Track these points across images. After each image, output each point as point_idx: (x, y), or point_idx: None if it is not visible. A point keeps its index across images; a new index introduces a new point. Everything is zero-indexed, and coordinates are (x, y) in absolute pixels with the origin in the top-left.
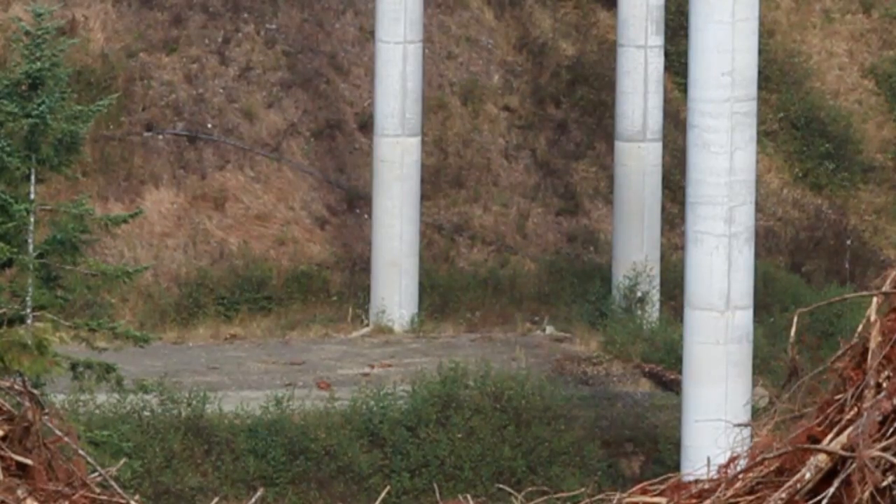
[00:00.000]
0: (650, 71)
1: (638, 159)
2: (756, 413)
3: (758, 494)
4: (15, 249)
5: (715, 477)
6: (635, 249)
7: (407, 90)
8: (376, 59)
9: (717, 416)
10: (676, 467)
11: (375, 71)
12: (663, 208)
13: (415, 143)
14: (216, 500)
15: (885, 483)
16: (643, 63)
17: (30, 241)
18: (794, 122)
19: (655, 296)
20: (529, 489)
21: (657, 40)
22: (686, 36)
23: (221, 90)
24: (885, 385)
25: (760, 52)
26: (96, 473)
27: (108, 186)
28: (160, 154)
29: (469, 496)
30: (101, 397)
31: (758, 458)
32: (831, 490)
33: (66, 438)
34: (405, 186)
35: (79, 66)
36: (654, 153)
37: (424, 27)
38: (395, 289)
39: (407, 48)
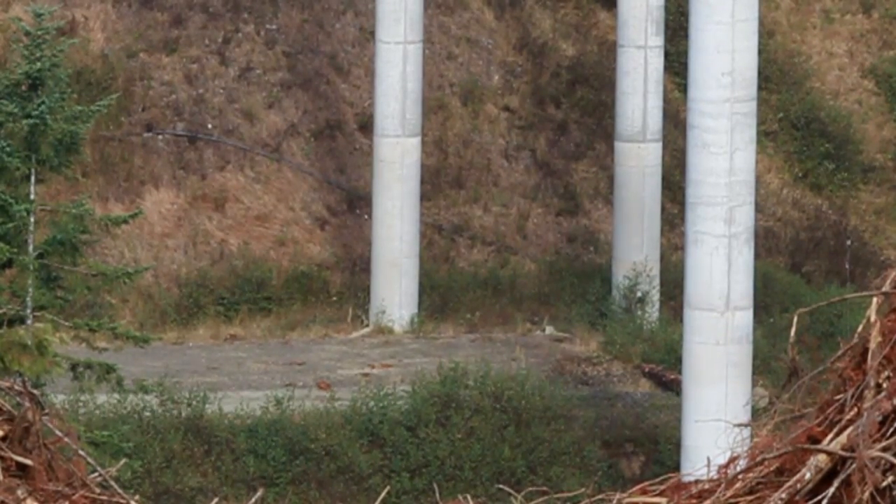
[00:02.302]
0: (650, 71)
1: (638, 159)
2: (756, 413)
3: (758, 495)
4: (15, 249)
5: (715, 477)
6: (635, 249)
7: (407, 91)
8: (376, 59)
9: (717, 417)
10: (676, 467)
11: (375, 71)
12: (663, 208)
13: (415, 143)
14: (216, 500)
15: (885, 483)
16: (643, 63)
17: (30, 241)
18: (794, 123)
19: (655, 296)
20: (529, 489)
21: (657, 41)
22: (686, 36)
23: (221, 90)
24: (885, 385)
25: (760, 52)
26: (96, 473)
27: (108, 187)
28: (160, 154)
29: (469, 496)
30: (101, 397)
31: (758, 459)
32: (831, 490)
33: (66, 439)
34: (405, 187)
35: (79, 66)
36: (653, 153)
37: (425, 27)
38: (395, 289)
39: (407, 48)
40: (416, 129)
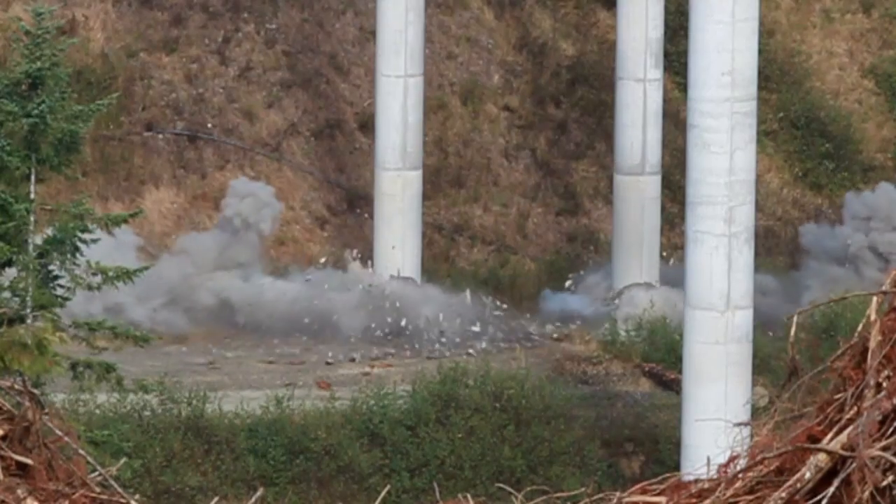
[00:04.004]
0: (649, 104)
1: (637, 192)
2: (756, 413)
3: (758, 494)
4: (15, 249)
5: (715, 477)
6: (634, 279)
7: (408, 123)
8: (377, 92)
9: (717, 416)
10: (676, 467)
11: (376, 104)
12: (663, 208)
13: (415, 176)
14: (216, 499)
15: (885, 483)
16: (642, 97)
17: (30, 241)
18: (794, 122)
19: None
20: (529, 489)
21: (656, 73)
22: (686, 36)
23: (221, 90)
24: (885, 385)
25: (760, 52)
26: (96, 473)
27: (108, 186)
28: (160, 154)
29: (469, 495)
30: (101, 397)
31: (758, 458)
32: (831, 490)
33: (66, 438)
34: (406, 219)
35: (79, 66)
36: (653, 186)
37: (424, 27)
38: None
39: (408, 82)
40: (417, 162)
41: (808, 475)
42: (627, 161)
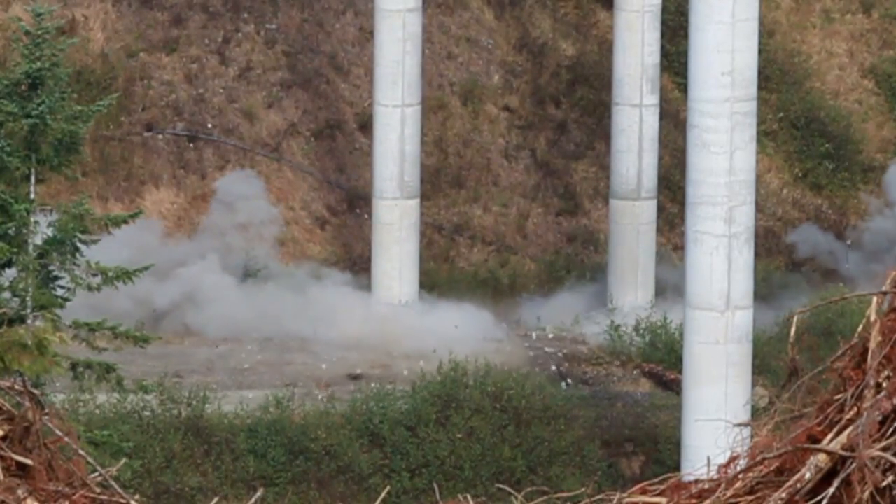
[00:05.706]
0: (645, 129)
1: (632, 217)
2: (756, 413)
3: (758, 494)
4: (15, 249)
5: (715, 477)
6: (628, 304)
7: (405, 153)
8: (375, 122)
9: (717, 416)
10: (676, 467)
11: (374, 134)
12: (663, 208)
13: (413, 205)
14: (216, 500)
15: (885, 483)
16: (638, 122)
17: (30, 241)
18: (794, 122)
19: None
20: (529, 489)
21: (652, 99)
22: (686, 36)
23: (221, 90)
24: (885, 385)
25: (760, 52)
26: (96, 473)
27: (108, 186)
28: (160, 154)
29: (469, 496)
30: (101, 397)
31: (758, 458)
32: (831, 490)
33: (66, 438)
34: (404, 249)
35: (79, 66)
36: (648, 211)
37: (424, 27)
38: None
39: (405, 111)
40: (414, 192)
41: (808, 475)
42: (623, 186)
